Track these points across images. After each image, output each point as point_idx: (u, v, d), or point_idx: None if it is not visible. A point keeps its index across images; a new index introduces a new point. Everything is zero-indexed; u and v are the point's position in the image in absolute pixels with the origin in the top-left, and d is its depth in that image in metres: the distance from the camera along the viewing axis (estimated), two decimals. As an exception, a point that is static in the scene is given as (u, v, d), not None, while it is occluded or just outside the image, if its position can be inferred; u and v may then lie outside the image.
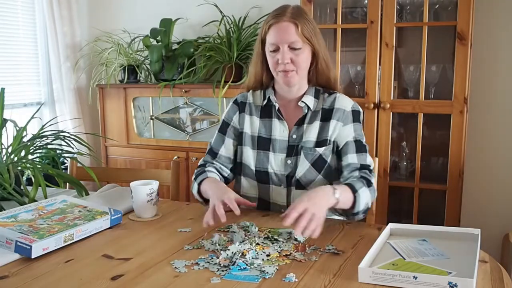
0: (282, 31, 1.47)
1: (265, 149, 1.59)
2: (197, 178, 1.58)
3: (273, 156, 1.57)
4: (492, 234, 2.62)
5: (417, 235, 1.28)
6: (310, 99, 1.57)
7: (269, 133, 1.59)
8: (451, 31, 2.38)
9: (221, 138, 1.66)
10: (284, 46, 1.47)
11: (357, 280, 1.05)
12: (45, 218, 1.36)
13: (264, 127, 1.60)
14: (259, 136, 1.60)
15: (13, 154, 1.65)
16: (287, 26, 1.47)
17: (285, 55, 1.47)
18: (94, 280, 1.07)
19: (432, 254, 1.17)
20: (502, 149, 2.63)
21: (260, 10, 2.98)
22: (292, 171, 1.56)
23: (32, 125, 2.02)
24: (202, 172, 1.59)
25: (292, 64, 1.49)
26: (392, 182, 2.53)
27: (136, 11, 3.41)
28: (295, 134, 1.57)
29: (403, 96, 2.59)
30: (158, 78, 3.10)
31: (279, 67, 1.50)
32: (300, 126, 1.57)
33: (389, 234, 1.30)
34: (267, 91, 1.62)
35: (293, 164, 1.56)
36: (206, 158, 1.67)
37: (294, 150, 1.56)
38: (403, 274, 1.01)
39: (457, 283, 0.97)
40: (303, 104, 1.57)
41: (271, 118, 1.60)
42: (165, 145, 3.05)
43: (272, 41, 1.49)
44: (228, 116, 1.67)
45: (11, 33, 3.15)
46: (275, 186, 1.59)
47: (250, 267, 1.11)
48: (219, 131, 1.67)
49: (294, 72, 1.50)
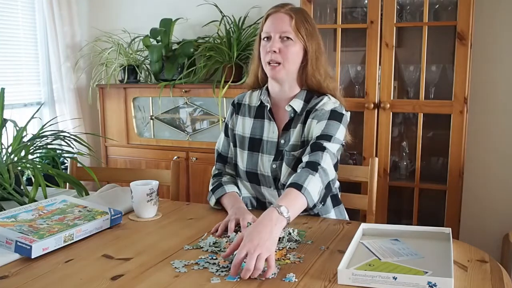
0: (276, 21, 1.49)
1: (256, 150, 1.59)
2: (215, 192, 1.58)
3: (262, 158, 1.58)
4: (492, 234, 2.63)
5: (389, 234, 1.29)
6: (299, 103, 1.54)
7: (260, 134, 1.59)
8: (451, 31, 2.38)
9: (227, 141, 1.69)
10: (276, 35, 1.48)
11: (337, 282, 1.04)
12: (45, 218, 1.36)
13: (257, 128, 1.60)
14: (251, 137, 1.60)
15: (13, 154, 1.65)
16: (282, 16, 1.49)
17: (275, 43, 1.48)
18: (94, 280, 1.07)
19: (406, 253, 1.18)
20: (502, 149, 2.63)
21: (260, 10, 2.98)
22: (278, 174, 1.56)
23: (32, 125, 2.02)
24: (219, 186, 1.59)
25: (280, 55, 1.48)
26: (392, 182, 2.53)
27: (136, 11, 3.41)
28: (282, 139, 1.55)
29: (403, 96, 2.59)
30: (158, 78, 3.10)
31: (267, 57, 1.49)
32: (287, 130, 1.56)
33: (361, 234, 1.30)
34: (262, 92, 1.62)
35: (278, 168, 1.55)
36: (218, 165, 1.69)
37: (280, 155, 1.55)
38: (383, 275, 1.02)
39: (436, 283, 0.98)
40: (290, 108, 1.54)
41: (263, 119, 1.60)
42: (165, 145, 3.05)
43: (266, 30, 1.51)
44: (227, 118, 1.71)
45: (11, 33, 3.15)
46: (265, 187, 1.59)
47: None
48: (224, 135, 1.70)
49: (281, 66, 1.49)
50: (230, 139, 1.67)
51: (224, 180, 1.62)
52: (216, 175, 1.66)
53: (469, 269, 1.13)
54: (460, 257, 1.19)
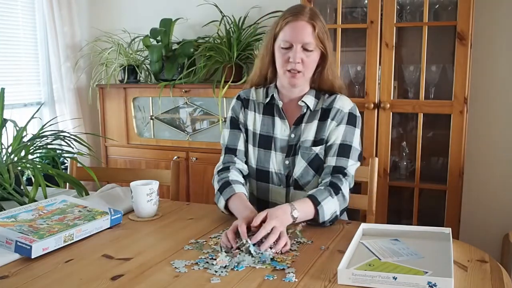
0: (298, 30, 1.47)
1: (267, 148, 1.58)
2: (223, 192, 1.48)
3: (275, 155, 1.57)
4: (492, 234, 2.63)
5: (389, 235, 1.29)
6: (311, 99, 1.57)
7: (270, 131, 1.59)
8: (451, 31, 2.38)
9: (234, 133, 1.62)
10: (298, 45, 1.47)
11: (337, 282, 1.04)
12: (45, 218, 1.36)
13: (266, 124, 1.60)
14: (261, 134, 1.60)
15: (13, 154, 1.65)
16: (304, 25, 1.47)
17: (297, 54, 1.47)
18: (94, 280, 1.07)
19: (406, 253, 1.18)
20: (502, 149, 2.63)
21: (260, 10, 2.98)
22: (290, 171, 1.56)
23: (32, 125, 2.02)
24: (227, 185, 1.49)
25: (301, 65, 1.49)
26: (392, 182, 2.53)
27: (136, 11, 3.41)
28: (293, 134, 1.57)
29: (403, 96, 2.59)
30: (158, 78, 3.10)
31: (288, 66, 1.49)
32: (298, 125, 1.57)
33: (361, 234, 1.30)
34: (269, 89, 1.62)
35: (291, 163, 1.56)
36: (225, 158, 1.60)
37: (292, 150, 1.56)
38: (383, 275, 1.02)
39: (436, 283, 0.98)
40: (303, 104, 1.57)
41: (272, 116, 1.60)
42: (165, 145, 3.05)
43: (286, 38, 1.48)
44: (234, 112, 1.65)
45: (11, 33, 3.15)
46: (274, 186, 1.59)
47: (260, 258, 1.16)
48: (230, 128, 1.64)
49: (301, 74, 1.50)
50: (243, 132, 1.62)
51: (231, 178, 1.52)
52: (222, 169, 1.56)
53: (469, 269, 1.13)
54: (460, 257, 1.19)
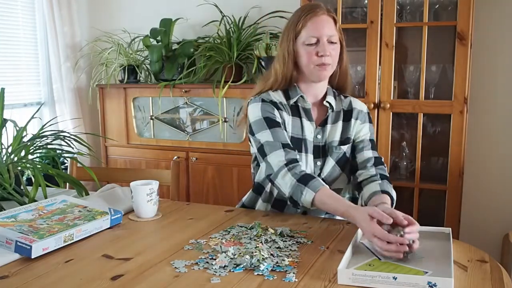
0: (323, 23, 1.50)
1: (299, 151, 1.55)
2: (308, 184, 1.38)
3: (305, 157, 1.57)
4: (492, 234, 2.63)
5: None
6: (332, 100, 1.61)
7: (300, 133, 1.58)
8: (451, 31, 2.38)
9: (277, 131, 1.50)
10: (324, 38, 1.49)
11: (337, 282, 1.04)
12: (45, 218, 1.36)
13: (295, 127, 1.58)
14: (292, 136, 1.56)
15: (13, 154, 1.65)
16: (327, 19, 1.51)
17: (326, 47, 1.49)
18: (94, 280, 1.07)
19: (406, 253, 1.17)
20: (502, 149, 2.63)
21: (260, 10, 2.98)
22: (320, 172, 1.58)
23: (32, 125, 2.02)
24: (311, 177, 1.40)
25: (330, 58, 1.51)
26: (392, 182, 2.50)
27: (136, 11, 3.41)
28: (319, 135, 1.59)
29: (403, 96, 2.58)
30: (158, 78, 3.10)
31: (318, 60, 1.50)
32: (323, 126, 1.59)
33: (361, 234, 1.30)
34: (290, 92, 1.58)
35: (322, 164, 1.58)
36: (288, 155, 1.45)
37: (321, 151, 1.58)
38: (383, 275, 1.02)
39: (436, 283, 0.98)
40: (327, 104, 1.59)
41: (299, 118, 1.58)
42: (165, 145, 3.05)
43: (312, 34, 1.49)
44: (268, 113, 1.53)
45: (11, 33, 3.15)
46: None
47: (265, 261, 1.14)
48: (274, 127, 1.50)
49: (330, 66, 1.53)
50: (285, 130, 1.54)
51: (308, 172, 1.43)
52: (290, 163, 1.43)
53: (469, 269, 1.13)
54: (460, 257, 1.19)
